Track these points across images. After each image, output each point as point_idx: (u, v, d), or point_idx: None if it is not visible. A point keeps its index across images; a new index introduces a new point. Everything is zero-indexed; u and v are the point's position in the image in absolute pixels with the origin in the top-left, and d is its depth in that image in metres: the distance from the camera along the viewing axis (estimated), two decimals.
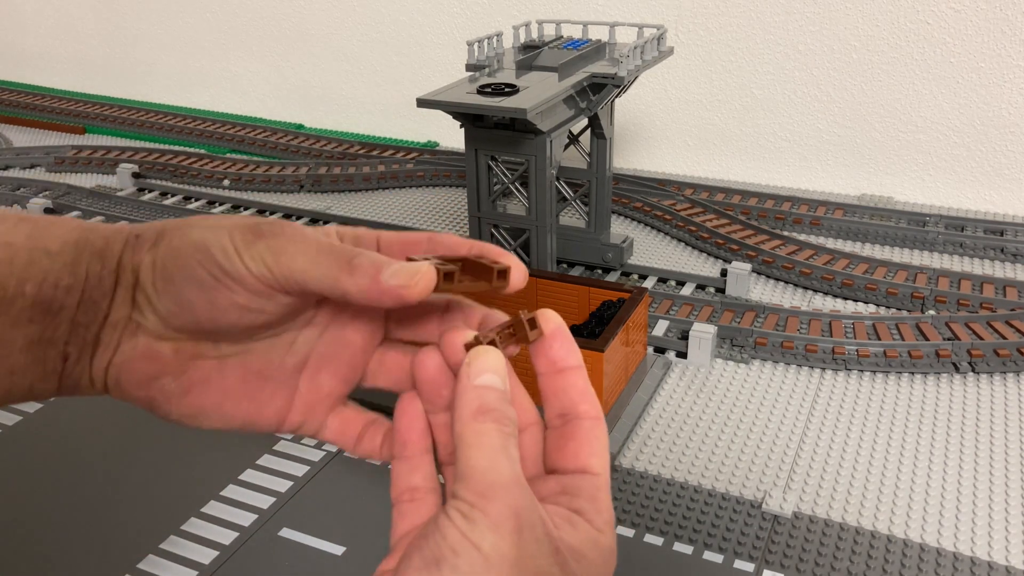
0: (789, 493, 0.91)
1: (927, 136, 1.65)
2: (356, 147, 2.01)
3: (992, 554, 0.84)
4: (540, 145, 1.11)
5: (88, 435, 1.05)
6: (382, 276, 0.35)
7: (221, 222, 0.39)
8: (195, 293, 0.37)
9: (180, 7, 2.35)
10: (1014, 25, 1.52)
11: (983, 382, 1.11)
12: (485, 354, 0.36)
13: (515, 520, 0.31)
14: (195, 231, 0.38)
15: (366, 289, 0.36)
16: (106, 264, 0.39)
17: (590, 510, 0.35)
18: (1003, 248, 1.44)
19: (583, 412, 0.37)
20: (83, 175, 1.96)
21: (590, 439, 0.36)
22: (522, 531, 0.31)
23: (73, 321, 0.38)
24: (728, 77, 1.77)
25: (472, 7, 1.97)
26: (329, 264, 0.36)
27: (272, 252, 0.36)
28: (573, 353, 0.38)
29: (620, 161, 1.93)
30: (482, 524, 0.30)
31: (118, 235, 0.40)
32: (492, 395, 0.35)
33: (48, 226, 0.39)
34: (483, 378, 0.35)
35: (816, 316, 1.23)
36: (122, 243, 0.40)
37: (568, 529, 0.33)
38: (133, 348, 0.39)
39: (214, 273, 0.37)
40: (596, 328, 1.07)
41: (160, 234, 0.39)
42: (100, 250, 0.39)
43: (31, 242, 0.38)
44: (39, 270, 0.38)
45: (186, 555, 0.86)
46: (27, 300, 0.37)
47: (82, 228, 0.40)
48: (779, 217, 1.57)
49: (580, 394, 0.37)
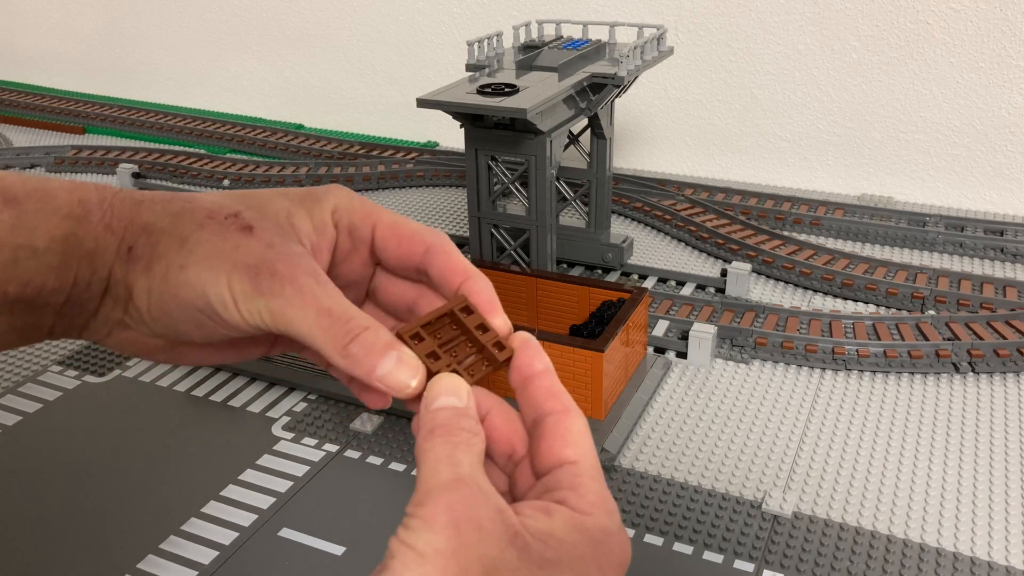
0: (789, 493, 0.91)
1: (927, 136, 1.65)
2: (356, 147, 2.01)
3: (992, 554, 0.84)
4: (540, 145, 1.11)
5: (88, 435, 1.05)
6: (376, 373, 0.36)
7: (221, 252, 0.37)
8: (191, 327, 0.38)
9: (180, 7, 2.35)
10: (1014, 25, 1.52)
11: (983, 382, 1.11)
12: (440, 381, 0.37)
13: (449, 515, 0.31)
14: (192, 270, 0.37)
15: (359, 377, 0.37)
16: (96, 271, 0.38)
17: (571, 497, 0.35)
18: (1003, 248, 1.44)
19: (549, 409, 0.37)
20: (83, 175, 1.96)
21: (559, 432, 0.37)
22: (459, 524, 0.31)
23: (59, 314, 0.39)
24: (728, 77, 1.77)
25: (472, 7, 1.97)
26: (326, 337, 0.36)
27: (270, 312, 0.37)
28: (539, 359, 0.39)
29: (620, 161, 1.93)
30: (417, 526, 0.31)
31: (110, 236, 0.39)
32: (443, 415, 0.35)
33: (35, 212, 0.38)
34: (437, 402, 0.36)
35: (816, 316, 1.23)
36: (114, 251, 0.39)
37: (540, 517, 0.34)
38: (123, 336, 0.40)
39: (212, 318, 0.38)
40: (596, 328, 1.07)
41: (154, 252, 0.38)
42: (90, 252, 0.38)
43: (15, 236, 0.37)
44: (23, 271, 0.37)
45: (186, 555, 0.86)
46: (9, 298, 0.37)
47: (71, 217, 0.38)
48: (779, 217, 1.57)
49: (546, 394, 0.38)
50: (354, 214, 0.41)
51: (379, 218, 0.41)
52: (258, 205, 0.40)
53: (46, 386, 1.15)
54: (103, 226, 0.39)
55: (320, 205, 0.40)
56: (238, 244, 0.37)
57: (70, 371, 1.18)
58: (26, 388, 1.14)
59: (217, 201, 0.40)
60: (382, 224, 0.41)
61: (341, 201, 0.41)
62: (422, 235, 0.41)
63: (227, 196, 0.41)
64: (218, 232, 0.38)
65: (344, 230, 0.40)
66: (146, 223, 0.39)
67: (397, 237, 0.41)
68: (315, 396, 1.10)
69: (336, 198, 0.41)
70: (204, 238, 0.37)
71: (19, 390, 1.14)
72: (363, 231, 0.41)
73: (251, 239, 0.37)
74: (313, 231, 0.40)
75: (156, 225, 0.39)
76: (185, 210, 0.39)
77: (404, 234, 0.41)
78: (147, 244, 0.38)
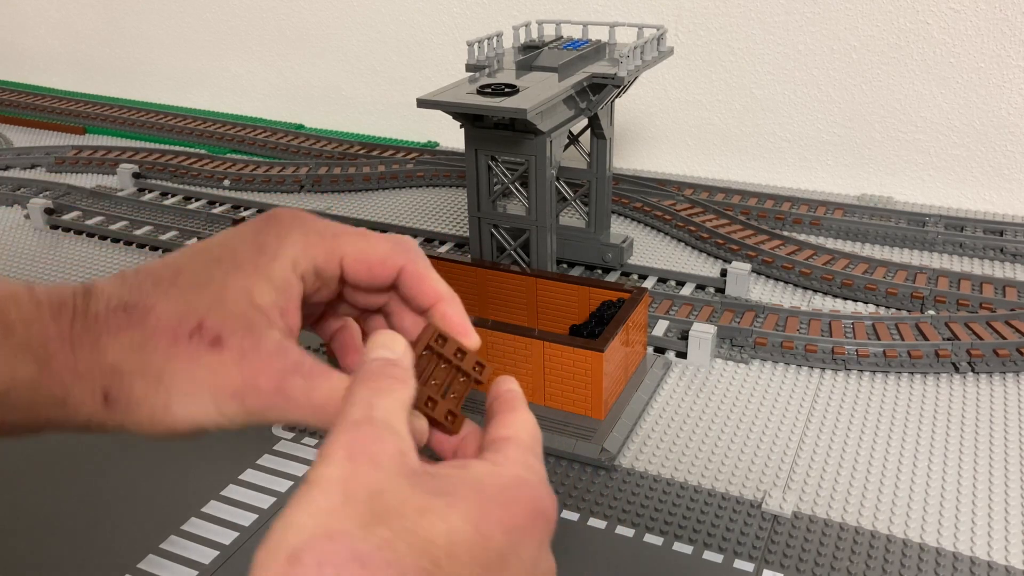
0: (789, 493, 0.91)
1: (927, 136, 1.65)
2: (356, 147, 2.01)
3: (992, 554, 0.84)
4: (540, 145, 1.12)
5: (88, 435, 1.05)
6: None
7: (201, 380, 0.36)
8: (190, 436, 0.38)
9: (180, 7, 2.35)
10: (1014, 25, 1.52)
11: (983, 382, 1.11)
12: (377, 336, 0.37)
13: (346, 450, 0.31)
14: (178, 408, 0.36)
15: None
16: (70, 416, 0.37)
17: (490, 456, 0.35)
18: (1003, 248, 1.44)
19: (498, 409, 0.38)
20: (83, 175, 1.96)
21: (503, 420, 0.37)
22: (354, 457, 0.31)
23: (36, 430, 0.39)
24: (728, 77, 1.77)
25: (472, 7, 1.97)
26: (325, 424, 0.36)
27: (267, 420, 0.37)
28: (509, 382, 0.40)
29: (620, 161, 1.93)
30: (316, 462, 0.32)
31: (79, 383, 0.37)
32: (374, 364, 0.36)
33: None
34: (371, 354, 0.36)
35: (816, 316, 1.23)
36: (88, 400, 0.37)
37: (449, 466, 0.34)
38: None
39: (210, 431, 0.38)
40: (596, 328, 1.07)
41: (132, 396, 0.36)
42: (59, 399, 0.37)
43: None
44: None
45: (186, 555, 0.86)
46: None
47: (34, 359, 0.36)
48: (779, 217, 1.57)
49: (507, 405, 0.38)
50: (316, 257, 0.39)
51: (343, 250, 0.39)
52: (216, 298, 0.37)
53: None
54: (69, 371, 0.37)
55: (278, 262, 0.38)
56: (213, 367, 0.36)
57: None
58: None
59: (175, 311, 0.37)
60: (349, 257, 0.39)
61: (298, 248, 0.38)
62: (392, 258, 0.39)
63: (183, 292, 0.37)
64: (189, 358, 0.36)
65: (309, 276, 0.39)
66: (113, 364, 0.37)
67: (367, 266, 0.39)
68: None
69: (292, 247, 0.38)
70: (178, 369, 0.36)
71: None
72: (330, 269, 0.39)
73: (223, 355, 0.36)
74: (278, 297, 0.38)
75: (124, 366, 0.37)
76: (147, 340, 0.36)
77: (373, 261, 0.39)
78: (121, 389, 0.37)
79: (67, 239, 1.63)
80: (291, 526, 0.29)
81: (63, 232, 1.65)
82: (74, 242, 1.61)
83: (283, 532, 0.29)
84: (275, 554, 0.28)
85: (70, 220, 1.67)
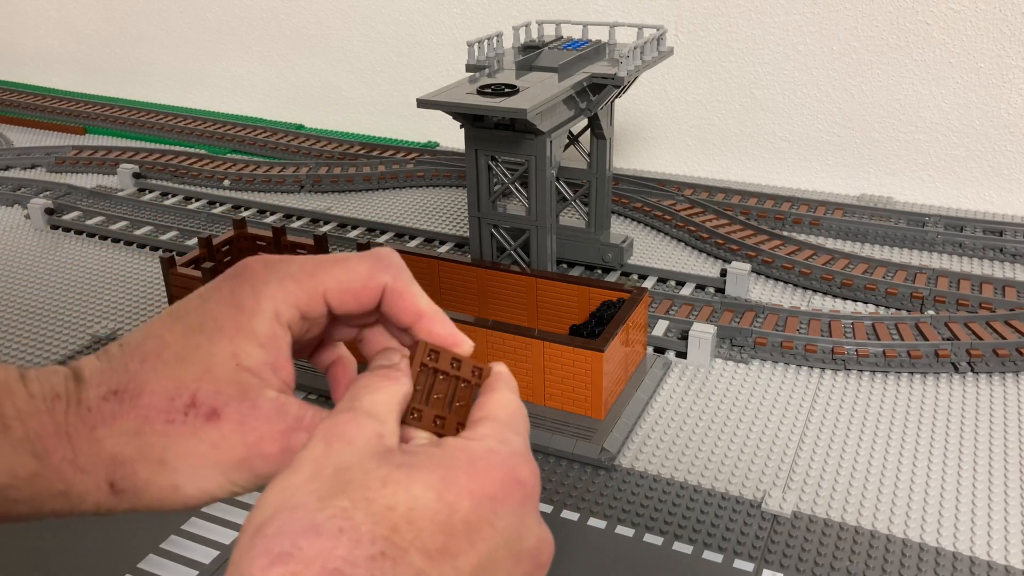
0: (789, 493, 0.91)
1: (926, 136, 1.65)
2: (356, 147, 2.01)
3: (991, 554, 0.84)
4: (540, 145, 1.12)
5: None
6: None
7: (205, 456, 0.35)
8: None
9: (180, 7, 2.35)
10: (1013, 25, 1.52)
11: (982, 382, 1.11)
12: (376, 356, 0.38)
13: (324, 433, 0.32)
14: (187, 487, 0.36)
15: None
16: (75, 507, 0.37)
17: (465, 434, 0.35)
18: (1002, 248, 1.44)
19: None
20: (84, 175, 1.96)
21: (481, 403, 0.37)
22: (330, 439, 0.32)
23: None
24: (728, 77, 1.77)
25: (472, 7, 1.97)
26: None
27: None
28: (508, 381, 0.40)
29: (620, 161, 1.93)
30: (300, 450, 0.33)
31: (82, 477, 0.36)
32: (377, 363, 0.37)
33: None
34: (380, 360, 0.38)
35: (816, 316, 1.23)
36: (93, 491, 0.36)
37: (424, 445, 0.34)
38: None
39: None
40: (596, 328, 1.07)
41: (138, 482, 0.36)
42: (62, 492, 0.36)
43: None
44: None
45: (186, 555, 0.86)
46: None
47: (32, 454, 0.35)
48: (779, 217, 1.57)
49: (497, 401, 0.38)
50: (299, 301, 0.37)
51: (325, 285, 0.38)
52: (204, 368, 0.36)
53: None
54: (69, 464, 0.36)
55: (259, 318, 0.37)
56: (214, 441, 0.36)
57: None
58: None
59: (166, 389, 0.36)
60: (332, 290, 0.38)
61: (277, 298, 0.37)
62: (375, 277, 0.38)
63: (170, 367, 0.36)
64: (189, 435, 0.36)
65: (296, 322, 0.38)
66: (113, 454, 0.36)
67: (352, 295, 0.38)
68: (315, 396, 1.10)
69: (271, 298, 0.37)
70: (179, 449, 0.36)
71: None
72: (315, 309, 0.38)
73: (222, 427, 0.35)
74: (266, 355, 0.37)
75: (124, 455, 0.36)
76: (143, 424, 0.36)
77: (357, 288, 0.38)
78: (125, 477, 0.36)
79: (67, 239, 1.63)
80: (261, 504, 0.30)
81: (63, 232, 1.65)
82: (74, 242, 1.61)
83: (254, 510, 0.30)
84: (245, 529, 0.29)
85: (70, 220, 1.67)
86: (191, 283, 1.23)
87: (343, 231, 1.62)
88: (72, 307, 1.37)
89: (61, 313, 1.35)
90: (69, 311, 1.36)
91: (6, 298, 1.41)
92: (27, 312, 1.36)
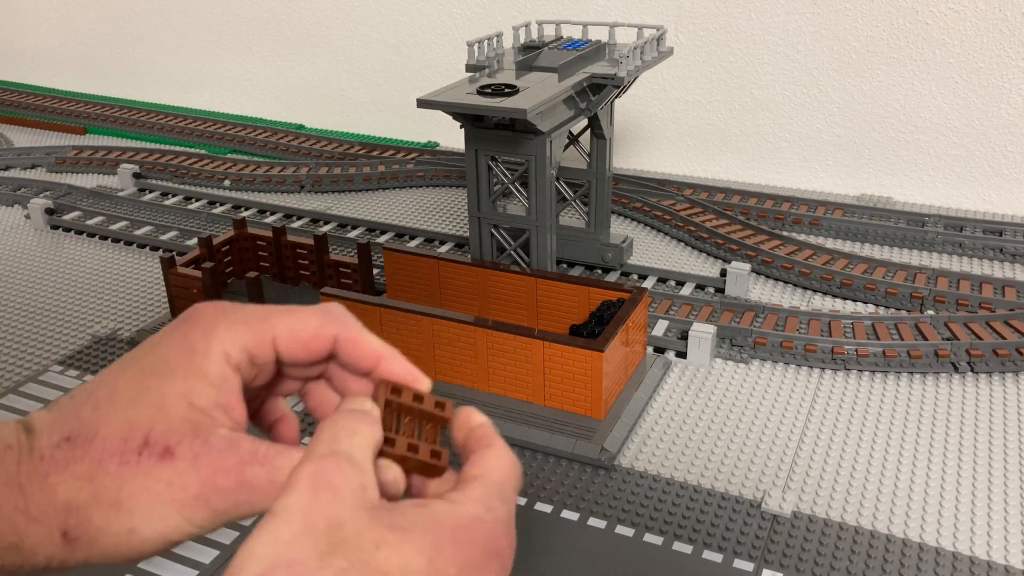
0: (788, 493, 0.91)
1: (926, 136, 1.66)
2: (356, 147, 2.01)
3: (991, 554, 0.84)
4: (540, 145, 1.12)
5: None
6: None
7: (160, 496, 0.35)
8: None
9: (180, 7, 2.35)
10: (1013, 26, 1.52)
11: (982, 382, 1.11)
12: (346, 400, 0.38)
13: (308, 480, 0.32)
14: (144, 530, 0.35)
15: None
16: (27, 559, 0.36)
17: (453, 495, 0.35)
18: (1002, 248, 1.44)
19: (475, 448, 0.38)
20: (84, 175, 1.96)
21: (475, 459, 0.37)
22: (316, 488, 0.32)
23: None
24: (728, 77, 1.78)
25: (472, 7, 1.97)
26: None
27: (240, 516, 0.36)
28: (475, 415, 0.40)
29: (620, 161, 1.93)
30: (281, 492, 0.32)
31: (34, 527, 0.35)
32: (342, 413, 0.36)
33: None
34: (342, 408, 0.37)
35: (815, 316, 1.23)
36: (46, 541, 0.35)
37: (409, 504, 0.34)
38: None
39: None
40: (596, 328, 1.07)
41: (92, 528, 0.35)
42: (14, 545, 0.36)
43: None
44: None
45: (186, 555, 0.86)
46: None
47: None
48: (779, 217, 1.57)
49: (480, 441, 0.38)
50: (248, 345, 0.38)
51: (274, 331, 0.38)
52: (156, 409, 0.36)
53: (47, 386, 1.15)
54: (21, 514, 0.35)
55: (209, 359, 0.37)
56: (169, 479, 0.35)
57: (71, 371, 1.18)
58: (27, 388, 1.14)
59: (119, 432, 0.36)
60: (281, 337, 0.38)
61: (227, 341, 0.38)
62: (324, 328, 0.39)
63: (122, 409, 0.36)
64: (144, 475, 0.35)
65: (245, 366, 0.38)
66: (66, 501, 0.35)
67: (302, 343, 0.39)
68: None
69: (221, 341, 0.37)
70: (134, 490, 0.35)
71: (20, 390, 1.14)
72: (264, 354, 0.38)
73: (176, 464, 0.35)
74: (217, 395, 0.37)
75: (77, 500, 0.35)
76: (97, 467, 0.35)
77: (307, 337, 0.39)
78: (79, 524, 0.36)
79: (67, 239, 1.63)
80: (252, 556, 0.30)
81: (63, 232, 1.66)
82: (74, 242, 1.61)
83: (245, 562, 0.30)
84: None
85: (71, 220, 1.67)
86: (191, 283, 1.23)
87: (343, 231, 1.62)
88: (72, 307, 1.37)
89: (61, 313, 1.35)
90: (69, 311, 1.36)
91: (6, 298, 1.41)
92: (27, 312, 1.36)
